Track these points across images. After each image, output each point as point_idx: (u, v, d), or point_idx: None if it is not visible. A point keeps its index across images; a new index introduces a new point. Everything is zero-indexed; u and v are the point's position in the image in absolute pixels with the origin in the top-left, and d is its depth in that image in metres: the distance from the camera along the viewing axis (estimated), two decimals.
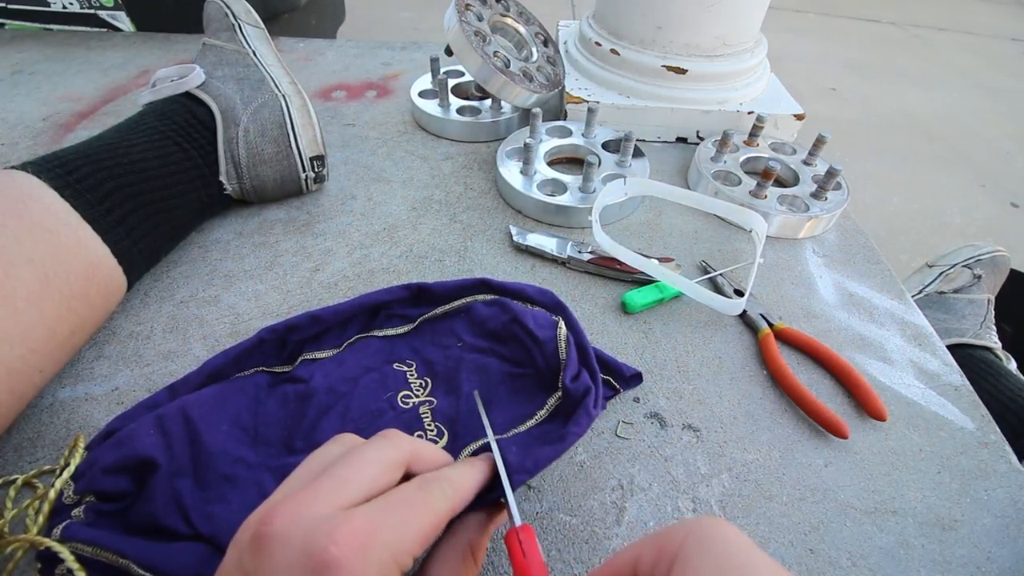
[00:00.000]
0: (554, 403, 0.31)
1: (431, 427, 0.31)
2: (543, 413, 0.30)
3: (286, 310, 0.40)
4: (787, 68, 2.29)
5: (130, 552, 0.24)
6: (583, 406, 0.29)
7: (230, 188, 0.45)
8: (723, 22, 0.55)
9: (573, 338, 0.32)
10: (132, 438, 0.27)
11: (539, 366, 0.32)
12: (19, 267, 0.30)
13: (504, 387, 0.32)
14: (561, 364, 0.31)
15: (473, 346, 0.34)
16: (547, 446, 0.27)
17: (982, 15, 3.14)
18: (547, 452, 0.26)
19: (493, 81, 0.52)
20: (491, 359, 0.33)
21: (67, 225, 0.33)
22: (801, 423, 0.36)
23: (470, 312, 0.35)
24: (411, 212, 0.50)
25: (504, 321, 0.33)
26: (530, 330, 0.32)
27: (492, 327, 0.34)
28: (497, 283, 0.36)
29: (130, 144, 0.40)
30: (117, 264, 0.36)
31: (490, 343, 0.34)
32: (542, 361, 0.32)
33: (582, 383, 0.30)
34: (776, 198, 0.50)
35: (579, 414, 0.28)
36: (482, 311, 0.35)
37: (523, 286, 0.35)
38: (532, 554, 0.21)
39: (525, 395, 0.32)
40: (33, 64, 0.69)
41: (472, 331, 0.35)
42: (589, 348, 0.32)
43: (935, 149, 1.92)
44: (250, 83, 0.47)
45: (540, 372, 0.32)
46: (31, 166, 0.34)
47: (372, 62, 0.74)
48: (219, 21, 0.50)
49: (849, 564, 0.29)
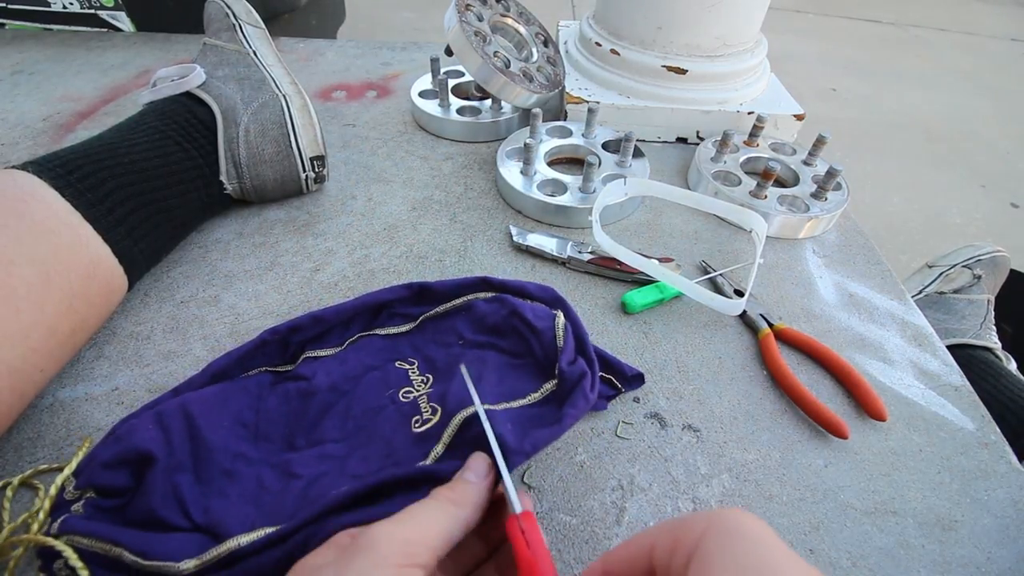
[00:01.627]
0: (550, 387, 0.30)
1: (426, 408, 0.31)
2: (536, 396, 0.30)
3: (286, 310, 0.40)
4: (787, 68, 2.30)
5: (122, 539, 0.24)
6: (580, 388, 0.28)
7: (230, 188, 0.45)
8: (723, 22, 0.55)
9: (571, 327, 0.32)
10: (131, 433, 0.27)
11: (537, 356, 0.31)
12: (20, 266, 0.30)
13: (499, 373, 0.32)
14: (558, 351, 0.30)
15: (474, 342, 0.34)
16: (544, 428, 0.27)
17: (982, 15, 3.14)
18: (544, 434, 0.26)
19: (493, 81, 0.52)
20: (490, 352, 0.33)
21: (68, 225, 0.33)
22: (801, 423, 0.36)
23: (471, 310, 0.35)
24: (411, 212, 0.50)
25: (503, 315, 0.33)
26: (528, 321, 0.32)
27: (492, 322, 0.34)
28: (498, 281, 0.36)
29: (131, 144, 0.40)
30: (118, 264, 0.36)
31: (489, 338, 0.34)
32: (540, 351, 0.31)
33: (578, 367, 0.29)
34: (776, 198, 0.50)
35: (575, 396, 0.28)
36: (482, 307, 0.34)
37: (524, 283, 0.35)
38: (536, 542, 0.20)
39: (520, 379, 0.31)
40: (33, 64, 0.69)
41: (473, 328, 0.34)
42: (587, 338, 0.32)
43: (935, 149, 1.92)
44: (251, 83, 0.47)
45: (538, 361, 0.32)
46: (32, 166, 0.34)
47: (372, 62, 0.74)
48: (220, 21, 0.50)
49: (849, 564, 0.29)
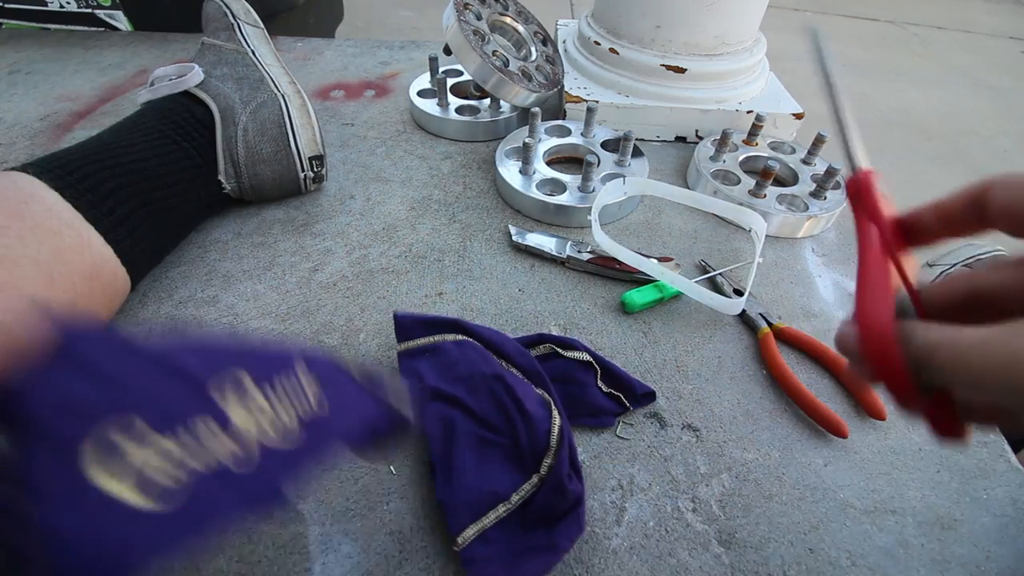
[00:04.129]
0: (529, 489, 0.29)
1: None
2: (517, 498, 0.29)
3: (285, 310, 0.40)
4: (786, 67, 2.29)
5: None
6: (575, 514, 0.28)
7: (229, 187, 0.45)
8: (722, 21, 0.55)
9: (568, 433, 0.30)
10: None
11: (521, 443, 0.30)
12: (24, 268, 0.29)
13: (475, 452, 0.30)
14: (549, 451, 0.29)
15: (436, 391, 0.32)
16: (536, 557, 0.27)
17: (980, 14, 3.14)
18: (535, 567, 0.27)
19: (492, 80, 0.52)
20: (457, 412, 0.31)
21: (69, 226, 0.33)
22: (801, 422, 0.36)
23: (438, 352, 0.34)
24: (410, 212, 0.50)
25: (482, 372, 0.32)
26: (516, 396, 0.31)
27: (465, 372, 0.33)
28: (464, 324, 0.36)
29: (129, 144, 0.40)
30: (120, 264, 0.35)
31: (455, 389, 0.32)
32: (526, 439, 0.30)
33: (576, 488, 0.29)
34: (775, 197, 0.50)
35: (569, 524, 0.28)
36: (452, 352, 0.34)
37: (501, 340, 0.35)
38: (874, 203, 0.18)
39: (499, 468, 0.30)
40: (30, 63, 0.69)
41: (438, 372, 0.33)
42: (575, 450, 0.30)
43: (933, 147, 1.92)
44: (249, 82, 0.46)
45: (519, 448, 0.30)
46: (32, 167, 0.34)
47: (370, 61, 0.74)
48: (218, 20, 0.50)
49: (849, 563, 0.29)
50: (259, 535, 0.28)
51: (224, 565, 0.27)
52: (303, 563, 0.28)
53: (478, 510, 0.28)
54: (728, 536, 0.30)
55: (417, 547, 0.28)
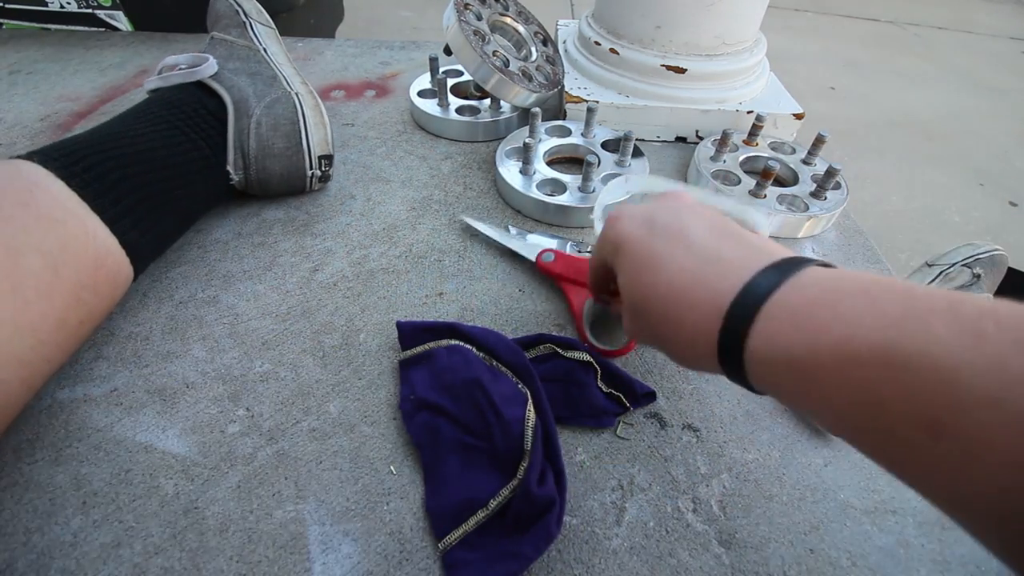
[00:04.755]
0: (507, 494, 0.29)
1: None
2: (495, 504, 0.29)
3: (285, 310, 0.40)
4: (786, 67, 2.29)
5: None
6: (543, 522, 0.27)
7: (236, 179, 0.45)
8: (722, 21, 0.55)
9: (541, 426, 0.30)
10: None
11: (497, 445, 0.30)
12: (28, 257, 0.29)
13: (460, 457, 0.31)
14: (524, 453, 0.29)
15: (422, 401, 0.33)
16: (505, 563, 0.27)
17: (981, 14, 3.14)
18: (500, 574, 0.26)
19: (492, 80, 0.52)
20: (441, 420, 0.32)
21: (75, 215, 0.33)
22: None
23: (431, 359, 0.34)
24: (410, 212, 0.50)
25: (462, 377, 0.32)
26: (493, 401, 0.31)
27: (448, 380, 0.33)
28: (466, 328, 0.36)
29: (136, 133, 0.40)
30: (125, 254, 0.35)
31: (441, 398, 0.32)
32: (502, 442, 0.30)
33: (546, 491, 0.28)
34: (775, 197, 0.50)
35: (537, 532, 0.27)
36: (443, 359, 0.34)
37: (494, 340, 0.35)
38: None
39: (479, 472, 0.30)
40: (31, 64, 0.69)
41: (428, 381, 0.34)
42: (557, 441, 0.30)
43: (934, 148, 1.92)
44: (263, 79, 0.47)
45: (497, 451, 0.30)
46: (37, 156, 0.34)
47: (371, 61, 0.74)
48: (229, 18, 0.50)
49: (849, 564, 0.29)
50: (259, 535, 0.28)
51: (224, 565, 0.27)
52: (303, 563, 0.28)
53: (460, 516, 0.28)
54: (728, 536, 0.30)
55: (417, 547, 0.28)
